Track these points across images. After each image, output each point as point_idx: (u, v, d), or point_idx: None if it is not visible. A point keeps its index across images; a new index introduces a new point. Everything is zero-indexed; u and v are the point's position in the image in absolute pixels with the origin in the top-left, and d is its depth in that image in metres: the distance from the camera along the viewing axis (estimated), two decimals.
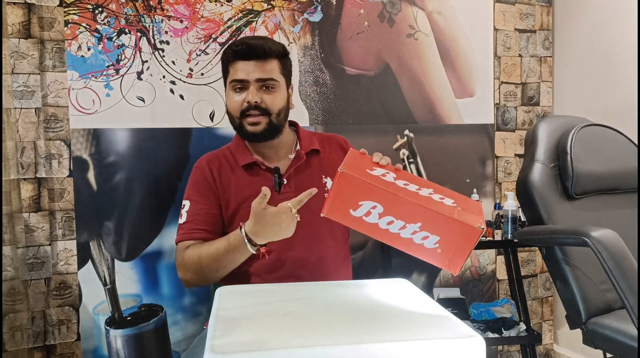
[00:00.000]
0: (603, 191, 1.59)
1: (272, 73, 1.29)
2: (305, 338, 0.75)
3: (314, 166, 1.36)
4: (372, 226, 0.90)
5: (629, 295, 1.15)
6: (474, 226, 0.85)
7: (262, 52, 1.28)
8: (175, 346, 1.86)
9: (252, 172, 1.33)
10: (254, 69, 1.27)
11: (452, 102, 2.14)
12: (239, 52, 1.28)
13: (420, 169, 2.11)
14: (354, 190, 0.90)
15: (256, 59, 1.28)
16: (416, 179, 0.97)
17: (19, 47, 1.68)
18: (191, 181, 1.36)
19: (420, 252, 0.89)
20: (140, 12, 1.80)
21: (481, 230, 0.85)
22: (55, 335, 1.77)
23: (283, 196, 1.29)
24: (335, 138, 1.45)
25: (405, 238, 0.88)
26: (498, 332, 1.88)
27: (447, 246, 0.88)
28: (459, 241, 0.87)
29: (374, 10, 2.04)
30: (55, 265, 1.76)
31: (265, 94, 1.29)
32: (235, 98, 1.30)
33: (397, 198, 0.88)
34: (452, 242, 0.87)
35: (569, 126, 1.58)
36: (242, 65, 1.28)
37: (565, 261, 1.44)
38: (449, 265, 0.88)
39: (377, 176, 0.93)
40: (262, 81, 1.28)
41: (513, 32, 2.22)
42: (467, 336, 0.75)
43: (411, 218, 0.87)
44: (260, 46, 1.28)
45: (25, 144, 1.71)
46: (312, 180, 1.33)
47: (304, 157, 1.35)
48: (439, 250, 0.88)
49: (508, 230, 1.89)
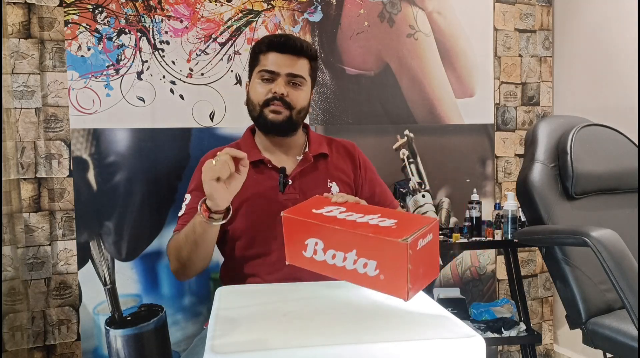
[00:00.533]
0: (603, 191, 1.59)
1: (302, 70, 1.31)
2: (305, 338, 0.75)
3: (320, 170, 1.36)
4: (322, 264, 0.87)
5: (629, 295, 1.15)
6: (396, 241, 0.77)
7: (298, 49, 1.29)
8: (175, 346, 1.86)
9: (257, 170, 1.33)
10: (286, 63, 1.29)
11: (452, 102, 2.14)
12: (275, 43, 1.30)
13: (420, 169, 2.11)
14: (297, 231, 0.90)
15: (290, 53, 1.29)
16: (366, 209, 0.93)
17: (19, 47, 1.68)
18: (195, 175, 1.37)
19: (366, 282, 0.83)
20: (140, 12, 1.80)
21: (405, 244, 0.76)
22: (55, 335, 1.77)
23: (286, 197, 1.29)
24: (344, 144, 1.45)
25: (350, 269, 0.84)
26: (498, 332, 1.88)
27: (386, 271, 0.80)
28: (393, 260, 0.78)
29: (374, 10, 2.04)
30: (55, 265, 1.76)
31: (292, 89, 1.30)
32: (260, 88, 1.31)
33: (330, 230, 0.85)
34: (389, 264, 0.80)
35: (569, 126, 1.58)
36: (275, 57, 1.29)
37: (565, 261, 1.44)
38: (396, 290, 0.79)
39: (318, 214, 0.91)
40: (292, 76, 1.30)
41: (513, 32, 2.22)
42: (467, 336, 0.75)
43: (347, 247, 0.84)
44: (297, 41, 1.30)
45: (25, 144, 1.71)
46: (317, 183, 1.33)
47: (311, 160, 1.35)
48: (381, 276, 0.80)
49: (508, 229, 1.89)
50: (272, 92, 1.29)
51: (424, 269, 0.82)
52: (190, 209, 1.29)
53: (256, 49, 1.34)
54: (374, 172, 1.45)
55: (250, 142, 1.38)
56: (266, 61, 1.30)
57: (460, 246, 1.98)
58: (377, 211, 0.91)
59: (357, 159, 1.43)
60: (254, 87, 1.32)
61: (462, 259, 2.19)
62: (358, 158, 1.43)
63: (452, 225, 2.13)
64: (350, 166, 1.41)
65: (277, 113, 1.29)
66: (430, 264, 0.85)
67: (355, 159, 1.42)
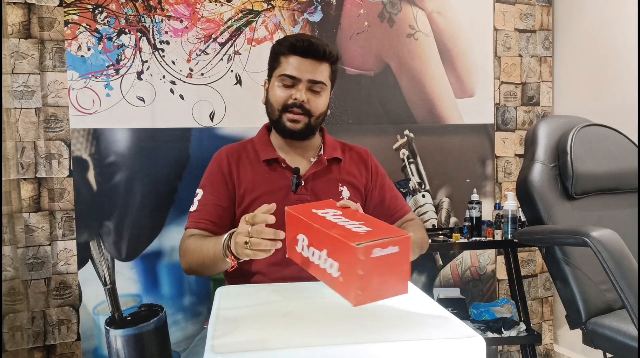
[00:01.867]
0: (603, 191, 1.59)
1: (323, 76, 1.29)
2: (305, 338, 0.75)
3: (333, 174, 1.37)
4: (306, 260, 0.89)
5: (629, 295, 1.15)
6: (349, 244, 0.76)
7: (321, 54, 1.27)
8: (175, 346, 1.86)
9: (271, 168, 1.33)
10: (308, 69, 1.27)
11: (452, 102, 2.14)
12: (297, 47, 1.27)
13: (420, 169, 2.11)
14: (293, 226, 0.94)
15: (312, 58, 1.27)
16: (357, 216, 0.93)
17: (19, 47, 1.68)
18: (207, 171, 1.36)
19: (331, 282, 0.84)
20: (140, 12, 1.80)
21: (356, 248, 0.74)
22: (55, 335, 1.77)
23: (298, 197, 1.30)
24: (357, 150, 1.45)
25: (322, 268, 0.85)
26: (498, 332, 1.88)
27: (345, 273, 0.80)
28: (348, 263, 0.78)
29: (374, 10, 2.04)
30: (55, 265, 1.76)
31: (312, 95, 1.29)
32: (280, 93, 1.29)
33: (312, 227, 0.87)
34: (345, 266, 0.79)
35: (569, 126, 1.58)
36: (297, 61, 1.27)
37: (565, 261, 1.44)
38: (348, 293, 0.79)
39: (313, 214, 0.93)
40: (313, 82, 1.28)
41: (513, 32, 2.22)
42: (467, 336, 0.75)
43: (321, 246, 0.85)
44: (320, 46, 1.27)
45: (25, 144, 1.71)
46: (329, 187, 1.34)
47: (325, 163, 1.36)
48: (340, 278, 0.81)
49: (508, 229, 1.89)
50: (292, 98, 1.27)
51: (381, 279, 0.79)
52: (203, 206, 1.29)
53: (277, 50, 1.32)
54: (385, 178, 1.46)
55: (265, 140, 1.38)
56: (287, 65, 1.28)
57: (460, 246, 1.98)
58: (365, 219, 0.91)
59: (370, 165, 1.43)
60: (274, 90, 1.31)
61: (462, 259, 2.19)
62: (371, 164, 1.43)
63: (452, 225, 2.13)
64: (363, 172, 1.41)
65: (295, 122, 1.29)
66: (393, 277, 0.81)
67: (368, 166, 1.43)
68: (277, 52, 1.31)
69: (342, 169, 1.39)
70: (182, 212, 1.85)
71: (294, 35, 1.31)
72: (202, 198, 1.31)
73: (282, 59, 1.29)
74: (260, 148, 1.36)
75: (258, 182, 1.31)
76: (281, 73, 1.29)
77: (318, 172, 1.35)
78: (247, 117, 1.88)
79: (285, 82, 1.29)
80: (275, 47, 1.33)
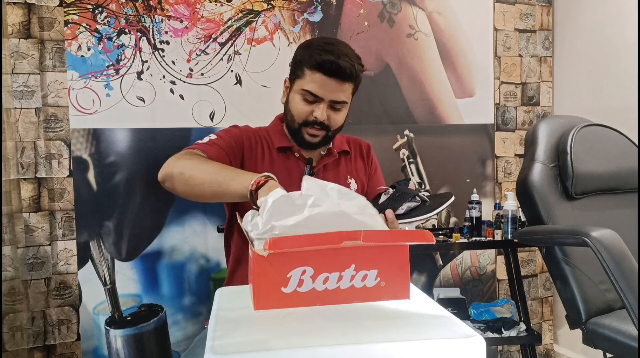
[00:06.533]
0: (603, 191, 1.59)
1: (345, 96, 1.27)
2: (305, 338, 0.75)
3: (342, 166, 1.38)
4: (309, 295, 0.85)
5: (629, 295, 1.15)
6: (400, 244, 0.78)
7: (347, 76, 1.24)
8: (175, 346, 1.86)
9: (285, 156, 1.33)
10: (331, 88, 1.24)
11: (452, 102, 2.14)
12: (324, 67, 1.22)
13: (420, 169, 2.11)
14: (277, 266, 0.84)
15: (338, 78, 1.23)
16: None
17: (19, 47, 1.68)
18: (225, 129, 1.33)
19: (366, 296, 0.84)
20: (140, 12, 1.80)
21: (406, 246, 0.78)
22: (55, 335, 1.77)
23: None
24: (360, 142, 1.46)
25: (345, 288, 0.84)
26: (498, 332, 1.88)
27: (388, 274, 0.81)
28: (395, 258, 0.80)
29: (374, 10, 2.04)
30: (55, 265, 1.76)
31: (333, 112, 1.27)
32: (301, 106, 1.26)
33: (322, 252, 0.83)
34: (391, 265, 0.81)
35: (569, 126, 1.58)
36: (321, 80, 1.23)
37: (565, 261, 1.44)
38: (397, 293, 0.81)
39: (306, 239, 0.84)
40: (335, 102, 1.26)
41: (513, 32, 2.22)
42: (467, 336, 0.75)
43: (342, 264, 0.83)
44: (348, 69, 1.23)
45: (25, 144, 1.71)
46: (337, 179, 1.34)
47: (336, 155, 1.37)
48: (382, 283, 0.81)
49: (508, 229, 1.89)
50: (313, 116, 1.25)
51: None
52: (212, 144, 1.25)
53: (301, 58, 1.26)
54: (377, 169, 1.48)
55: (279, 129, 1.37)
56: (311, 81, 1.23)
57: (460, 246, 1.98)
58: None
59: (371, 159, 1.45)
60: (295, 101, 1.28)
61: (462, 259, 2.19)
62: (371, 159, 1.45)
63: (452, 225, 2.13)
64: (363, 164, 1.44)
65: (314, 136, 1.28)
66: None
67: (369, 159, 1.45)
68: (302, 62, 1.26)
69: (350, 161, 1.41)
70: (182, 212, 1.85)
71: (322, 47, 1.24)
72: (215, 138, 1.27)
73: (307, 72, 1.25)
74: (275, 136, 1.35)
75: (274, 168, 1.31)
76: (304, 87, 1.25)
77: (328, 164, 1.36)
78: (247, 117, 1.88)
79: (307, 97, 1.25)
80: (301, 54, 1.28)
